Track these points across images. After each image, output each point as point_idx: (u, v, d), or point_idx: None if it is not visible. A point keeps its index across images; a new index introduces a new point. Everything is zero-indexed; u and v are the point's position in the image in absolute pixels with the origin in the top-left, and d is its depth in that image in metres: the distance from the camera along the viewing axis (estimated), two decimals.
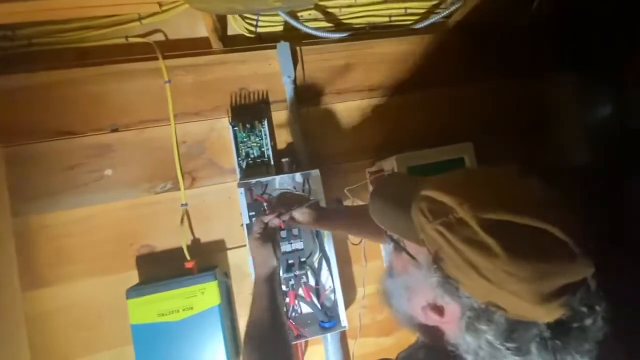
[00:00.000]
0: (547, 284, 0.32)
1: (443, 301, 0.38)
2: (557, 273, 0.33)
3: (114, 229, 0.80)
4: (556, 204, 0.37)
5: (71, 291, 0.77)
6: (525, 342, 0.33)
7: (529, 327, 0.33)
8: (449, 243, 0.35)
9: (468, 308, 0.35)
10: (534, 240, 0.34)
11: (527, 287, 0.32)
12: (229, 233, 0.83)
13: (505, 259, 0.32)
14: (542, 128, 1.00)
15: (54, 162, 0.79)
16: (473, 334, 0.35)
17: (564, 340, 0.33)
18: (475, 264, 0.34)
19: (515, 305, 0.33)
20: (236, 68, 0.87)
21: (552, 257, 0.33)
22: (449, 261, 0.36)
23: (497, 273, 0.33)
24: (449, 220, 0.36)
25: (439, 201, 0.38)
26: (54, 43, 0.83)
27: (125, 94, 0.83)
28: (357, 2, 0.92)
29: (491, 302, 0.34)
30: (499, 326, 0.34)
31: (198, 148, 0.84)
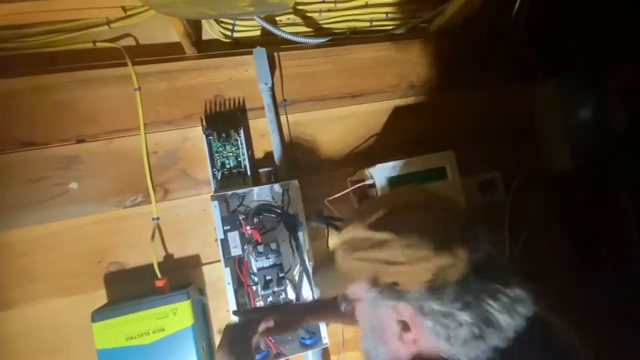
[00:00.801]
0: (439, 236, 0.39)
1: (401, 312, 0.41)
2: (436, 224, 0.41)
3: (80, 245, 0.75)
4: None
5: (35, 313, 0.72)
6: (472, 295, 0.38)
7: (468, 281, 0.38)
8: (365, 259, 0.41)
9: (416, 301, 0.39)
10: (408, 217, 0.42)
11: (425, 246, 0.38)
12: (204, 248, 0.80)
13: (397, 238, 0.39)
14: (525, 135, 0.99)
15: (15, 175, 0.74)
16: (430, 316, 0.39)
17: (488, 276, 0.39)
18: (386, 259, 0.40)
19: (438, 267, 0.38)
20: (210, 74, 0.84)
21: (432, 218, 0.41)
22: (377, 275, 0.40)
23: (404, 253, 0.39)
24: (356, 244, 0.42)
25: (345, 240, 0.45)
26: (18, 48, 0.79)
27: (93, 102, 0.79)
28: (337, 7, 0.90)
29: (424, 280, 0.38)
30: (443, 294, 0.38)
31: (170, 158, 0.81)
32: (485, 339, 0.38)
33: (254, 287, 0.76)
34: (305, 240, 0.77)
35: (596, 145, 0.88)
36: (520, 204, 0.92)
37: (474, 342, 0.38)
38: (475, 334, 0.38)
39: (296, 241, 0.80)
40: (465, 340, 0.38)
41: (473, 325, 0.38)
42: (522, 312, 0.39)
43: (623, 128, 0.85)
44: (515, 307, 0.39)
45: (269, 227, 0.79)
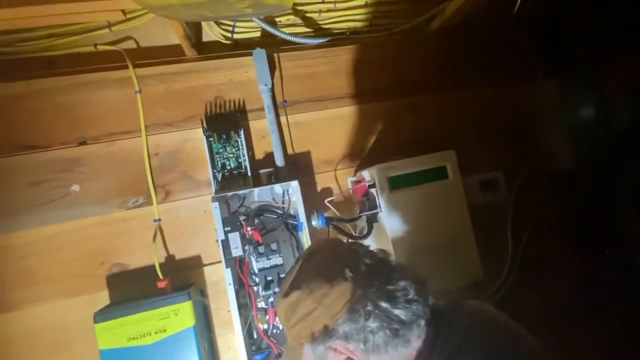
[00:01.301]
0: (321, 272, 0.47)
1: (340, 352, 0.46)
2: (321, 265, 0.49)
3: (83, 247, 0.76)
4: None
5: (38, 314, 0.73)
6: (371, 304, 0.44)
7: (362, 298, 0.45)
8: (297, 323, 0.47)
9: (339, 332, 0.45)
10: (301, 273, 0.50)
11: (319, 285, 0.46)
12: (205, 249, 0.80)
13: (302, 291, 0.47)
14: (527, 134, 0.98)
15: (17, 178, 0.75)
16: (354, 339, 0.44)
17: (376, 281, 0.46)
18: (308, 312, 0.46)
19: (337, 295, 0.45)
20: (211, 76, 0.84)
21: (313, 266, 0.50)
22: (310, 330, 0.46)
23: (311, 299, 0.46)
24: (285, 316, 0.49)
25: (281, 319, 0.51)
26: (19, 52, 0.80)
27: (94, 105, 0.79)
28: (336, 7, 0.90)
29: (338, 311, 0.45)
30: (354, 315, 0.44)
31: (171, 160, 0.81)
32: (399, 336, 0.44)
33: (255, 287, 0.76)
34: (306, 240, 0.77)
35: (597, 145, 0.87)
36: (522, 204, 0.91)
37: (393, 341, 0.44)
38: (388, 335, 0.43)
39: (297, 242, 0.80)
40: (386, 344, 0.44)
41: (382, 329, 0.43)
42: (413, 298, 0.45)
43: (624, 127, 0.84)
44: (406, 296, 0.45)
45: (270, 228, 0.79)
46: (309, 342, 0.47)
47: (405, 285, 0.46)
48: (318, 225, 0.77)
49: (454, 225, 0.74)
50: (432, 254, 0.72)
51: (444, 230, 0.74)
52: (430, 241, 0.73)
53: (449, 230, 0.74)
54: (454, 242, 0.74)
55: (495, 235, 0.89)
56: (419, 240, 0.72)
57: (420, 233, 0.72)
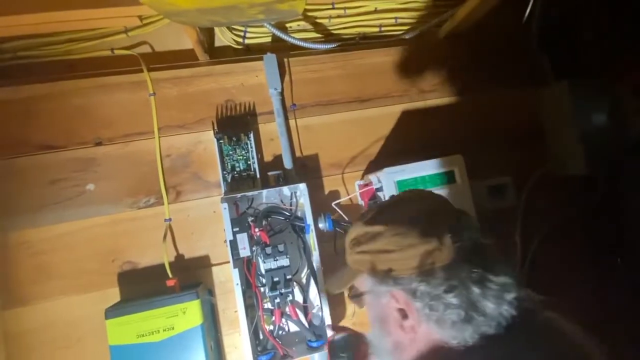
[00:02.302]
0: (422, 222, 0.44)
1: (398, 299, 0.44)
2: (425, 215, 0.45)
3: (95, 245, 0.78)
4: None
5: (51, 309, 0.75)
6: (458, 279, 0.41)
7: (456, 267, 0.41)
8: (365, 252, 0.47)
9: (408, 284, 0.43)
10: (392, 211, 0.49)
11: (412, 234, 0.43)
12: (214, 248, 0.81)
13: (387, 229, 0.45)
14: (537, 138, 0.97)
15: (35, 176, 0.78)
16: (419, 299, 0.42)
17: (475, 262, 0.42)
18: (380, 249, 0.45)
19: (425, 252, 0.42)
20: (222, 80, 0.86)
21: (416, 211, 0.47)
22: (374, 264, 0.45)
23: (394, 240, 0.44)
24: (357, 240, 0.48)
25: (351, 238, 0.50)
26: (40, 56, 0.83)
27: (110, 107, 0.82)
28: (347, 13, 0.91)
29: (414, 266, 0.42)
30: (430, 277, 0.41)
31: (183, 161, 0.83)
32: (472, 323, 0.40)
33: (262, 288, 0.77)
34: (313, 243, 0.78)
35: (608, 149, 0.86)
36: (531, 209, 0.91)
37: (462, 325, 0.40)
38: (462, 317, 0.40)
39: (304, 244, 0.81)
40: (453, 323, 0.41)
41: (459, 308, 0.40)
42: (508, 299, 0.41)
43: (636, 131, 0.83)
44: (501, 294, 0.41)
45: (277, 230, 0.80)
46: (368, 275, 0.46)
47: (505, 282, 0.42)
48: (325, 227, 0.78)
49: None
50: None
51: None
52: None
53: None
54: None
55: (504, 241, 0.88)
56: None
57: None
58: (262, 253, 0.76)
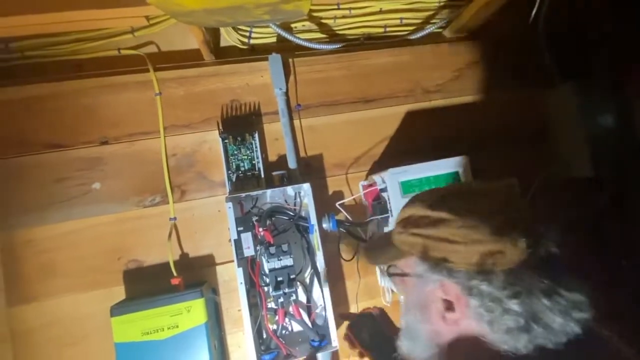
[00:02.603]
0: (494, 221, 0.39)
1: (447, 290, 0.42)
2: (499, 211, 0.41)
3: (101, 243, 0.78)
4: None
5: (57, 307, 0.76)
6: (523, 286, 0.38)
7: (522, 272, 0.38)
8: (422, 236, 0.43)
9: (464, 278, 0.40)
10: (465, 199, 0.44)
11: (481, 230, 0.39)
12: (218, 248, 0.82)
13: (456, 219, 0.41)
14: (543, 140, 0.97)
15: (42, 175, 0.78)
16: (477, 297, 0.39)
17: (546, 273, 0.38)
18: (443, 237, 0.41)
19: (492, 250, 0.38)
20: (227, 80, 0.87)
21: (489, 204, 0.42)
22: (431, 249, 0.42)
23: (459, 232, 0.40)
24: (415, 221, 0.45)
25: (404, 217, 0.47)
26: (47, 55, 0.83)
27: (116, 106, 0.82)
28: (352, 13, 0.91)
29: (474, 262, 0.39)
30: (494, 278, 0.38)
31: (188, 161, 0.83)
32: (530, 333, 0.38)
33: (266, 287, 0.77)
34: (316, 243, 0.78)
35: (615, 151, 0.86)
36: (538, 211, 0.90)
37: (518, 333, 0.38)
38: (520, 325, 0.38)
39: (307, 244, 0.81)
40: (508, 329, 0.38)
41: (519, 316, 0.37)
42: (578, 317, 0.38)
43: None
44: (571, 311, 0.38)
45: (281, 229, 0.80)
46: (419, 259, 0.44)
47: (578, 300, 0.38)
48: (329, 227, 0.78)
49: None
50: None
51: None
52: None
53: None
54: None
55: None
56: None
57: None
58: (266, 252, 0.77)
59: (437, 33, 0.99)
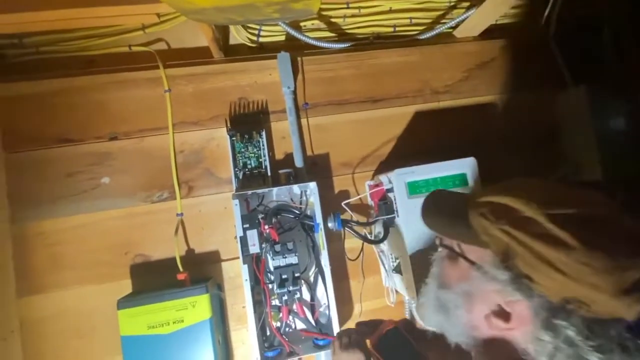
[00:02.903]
0: (626, 275, 0.32)
1: (511, 303, 0.37)
2: (636, 265, 0.32)
3: (109, 237, 0.79)
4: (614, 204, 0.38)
5: (65, 298, 0.77)
6: (607, 340, 0.32)
7: (609, 323, 0.33)
8: (518, 241, 0.36)
9: (542, 307, 0.35)
10: (608, 231, 0.34)
11: (605, 279, 0.32)
12: (224, 244, 0.82)
13: (581, 250, 0.33)
14: (553, 143, 0.96)
15: (53, 169, 0.79)
16: (551, 332, 0.34)
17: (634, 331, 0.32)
18: (549, 259, 0.34)
19: (594, 299, 0.32)
20: (236, 78, 0.87)
21: (630, 249, 0.33)
22: (519, 259, 0.36)
23: (573, 266, 0.33)
24: (516, 220, 0.37)
25: (501, 204, 0.39)
26: (60, 51, 0.84)
27: (126, 102, 0.83)
28: (361, 12, 0.91)
29: (567, 297, 0.34)
30: (579, 322, 0.33)
31: (195, 157, 0.84)
32: None
33: (270, 285, 0.77)
34: (322, 242, 0.78)
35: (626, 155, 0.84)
36: None
37: None
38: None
39: (313, 242, 0.81)
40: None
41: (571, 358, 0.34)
42: None
43: None
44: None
45: (287, 227, 0.81)
46: (493, 256, 0.38)
47: None
48: (334, 227, 0.78)
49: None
50: None
51: None
52: None
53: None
54: None
55: None
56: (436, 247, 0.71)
57: None
58: (272, 250, 0.77)
59: (447, 33, 0.98)
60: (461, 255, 0.43)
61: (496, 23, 1.00)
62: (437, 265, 0.49)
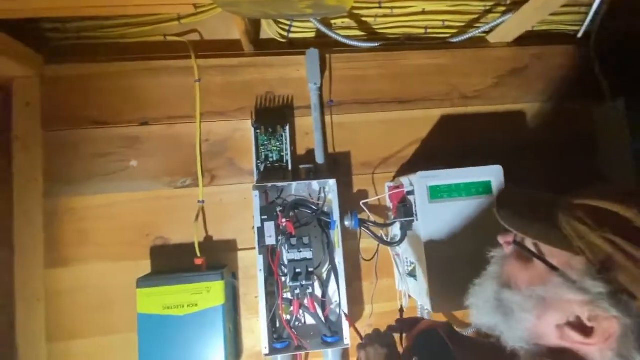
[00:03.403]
0: None
1: (598, 318, 0.35)
2: None
3: (133, 218, 0.82)
4: None
5: (88, 273, 0.80)
6: None
7: None
8: (625, 253, 0.33)
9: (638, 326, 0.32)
10: None
11: None
12: (241, 234, 0.84)
13: None
14: (586, 155, 0.92)
15: (86, 149, 0.83)
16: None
17: None
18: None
19: None
20: (264, 71, 0.88)
21: None
22: (622, 273, 0.33)
23: None
24: (624, 230, 0.34)
25: (604, 209, 0.36)
26: (99, 37, 0.88)
27: (158, 89, 0.86)
28: (393, 12, 0.91)
29: None
30: None
31: (220, 147, 0.86)
32: None
33: (283, 278, 0.78)
34: (337, 239, 0.78)
35: None
36: None
37: None
38: None
39: (328, 239, 0.81)
40: None
41: None
42: None
43: None
44: None
45: (303, 222, 0.81)
46: (588, 266, 0.35)
47: None
48: (351, 225, 0.78)
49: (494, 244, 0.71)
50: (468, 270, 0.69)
51: (482, 248, 0.71)
52: (466, 257, 0.70)
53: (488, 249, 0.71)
54: None
55: None
56: (454, 255, 0.70)
57: (457, 247, 0.70)
58: (287, 243, 0.77)
59: (480, 38, 0.96)
60: (539, 257, 0.40)
61: (532, 30, 0.97)
62: (497, 263, 0.47)
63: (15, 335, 0.77)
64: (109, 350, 0.79)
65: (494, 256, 0.48)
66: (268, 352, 0.73)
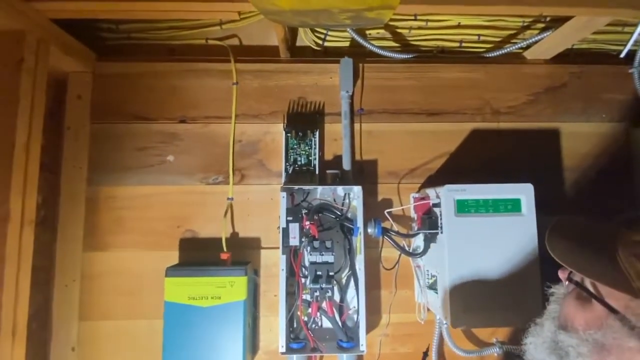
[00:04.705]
0: None
1: None
2: None
3: (166, 210, 0.87)
4: None
5: (122, 258, 0.85)
6: None
7: None
8: None
9: None
10: None
11: None
12: (266, 233, 0.86)
13: None
14: (623, 178, 0.89)
15: (128, 142, 0.89)
16: None
17: None
18: None
19: None
20: (299, 78, 0.91)
21: None
22: None
23: None
24: None
25: None
26: (147, 39, 0.94)
27: (198, 90, 0.91)
28: (428, 25, 0.91)
29: None
30: None
31: (251, 148, 0.89)
32: None
33: (304, 279, 0.80)
34: (359, 246, 0.79)
35: None
36: None
37: None
38: None
39: (350, 245, 0.82)
40: None
41: None
42: None
43: None
44: None
45: (327, 226, 0.82)
46: None
47: None
48: (374, 233, 0.79)
49: (520, 264, 0.70)
50: (491, 288, 0.68)
51: (507, 267, 0.70)
52: (490, 275, 0.69)
53: (514, 268, 0.70)
54: (518, 281, 0.69)
55: None
56: (478, 272, 0.69)
57: (481, 264, 0.69)
58: (310, 246, 0.79)
59: (516, 54, 0.95)
60: (597, 298, 0.38)
61: (572, 48, 0.95)
62: (556, 302, 0.45)
63: (51, 312, 0.83)
64: (135, 333, 0.83)
65: (553, 292, 0.46)
66: (285, 351, 0.75)
